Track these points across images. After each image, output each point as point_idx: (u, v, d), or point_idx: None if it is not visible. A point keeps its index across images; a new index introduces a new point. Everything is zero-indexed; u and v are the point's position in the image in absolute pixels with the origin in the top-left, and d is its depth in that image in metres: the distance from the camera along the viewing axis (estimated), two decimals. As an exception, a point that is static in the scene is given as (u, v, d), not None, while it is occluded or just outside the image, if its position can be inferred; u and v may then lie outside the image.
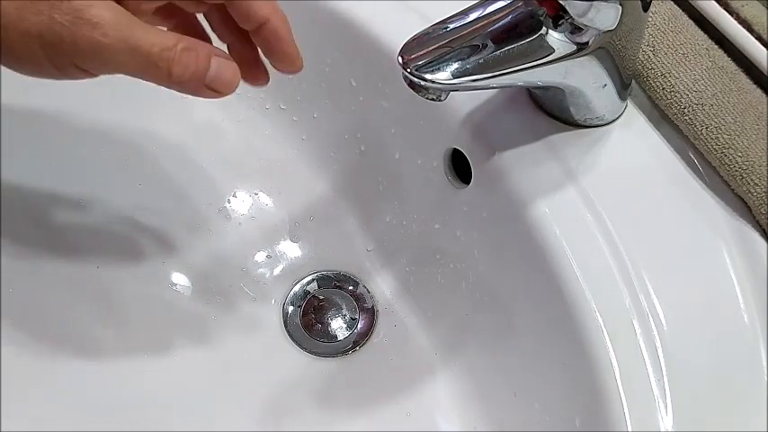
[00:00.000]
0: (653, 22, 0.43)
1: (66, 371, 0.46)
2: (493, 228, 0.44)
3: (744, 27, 0.42)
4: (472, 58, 0.37)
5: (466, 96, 0.45)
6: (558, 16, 0.37)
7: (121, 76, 0.35)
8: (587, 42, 0.38)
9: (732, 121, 0.40)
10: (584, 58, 0.38)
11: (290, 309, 0.51)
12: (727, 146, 0.40)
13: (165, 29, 0.38)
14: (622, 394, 0.35)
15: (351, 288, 0.52)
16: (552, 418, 0.40)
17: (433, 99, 0.37)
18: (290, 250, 0.53)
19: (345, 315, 0.51)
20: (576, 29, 0.37)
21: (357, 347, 0.50)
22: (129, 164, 0.53)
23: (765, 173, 0.39)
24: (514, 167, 0.42)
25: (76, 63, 0.32)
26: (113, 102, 0.52)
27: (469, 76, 0.37)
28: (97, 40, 0.31)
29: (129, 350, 0.48)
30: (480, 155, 0.44)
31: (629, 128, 0.43)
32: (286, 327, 0.50)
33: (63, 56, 0.31)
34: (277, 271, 0.52)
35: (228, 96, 0.38)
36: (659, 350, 0.36)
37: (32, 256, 0.49)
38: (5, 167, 0.50)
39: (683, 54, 0.42)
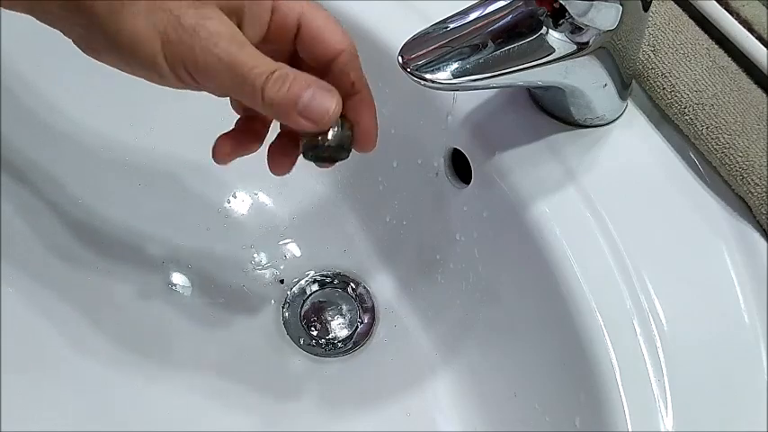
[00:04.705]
0: (653, 22, 0.43)
1: (66, 370, 0.46)
2: (493, 228, 0.44)
3: (744, 27, 0.42)
4: (472, 58, 0.37)
5: (466, 96, 0.45)
6: (559, 16, 0.37)
7: (121, 74, 0.35)
8: (587, 42, 0.38)
9: (732, 120, 0.40)
10: (585, 57, 0.38)
11: (290, 309, 0.51)
12: (727, 146, 0.40)
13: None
14: (622, 394, 0.35)
15: (351, 288, 0.52)
16: (552, 419, 0.40)
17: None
18: (290, 250, 0.53)
19: (345, 315, 0.51)
20: (576, 28, 0.37)
21: (357, 348, 0.50)
22: (128, 163, 0.53)
23: (766, 173, 0.39)
24: (514, 167, 0.42)
25: (187, 68, 0.34)
26: (112, 101, 0.52)
27: (469, 75, 0.37)
28: (209, 50, 0.33)
29: (128, 350, 0.48)
30: (480, 155, 0.44)
31: (629, 128, 0.43)
32: (286, 327, 0.50)
33: (178, 56, 0.33)
34: (277, 271, 0.52)
35: (229, 97, 0.38)
36: (659, 350, 0.36)
37: (32, 256, 0.49)
38: (5, 167, 0.50)
39: (684, 54, 0.42)
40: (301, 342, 0.50)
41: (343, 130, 0.37)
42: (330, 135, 0.36)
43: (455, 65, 0.37)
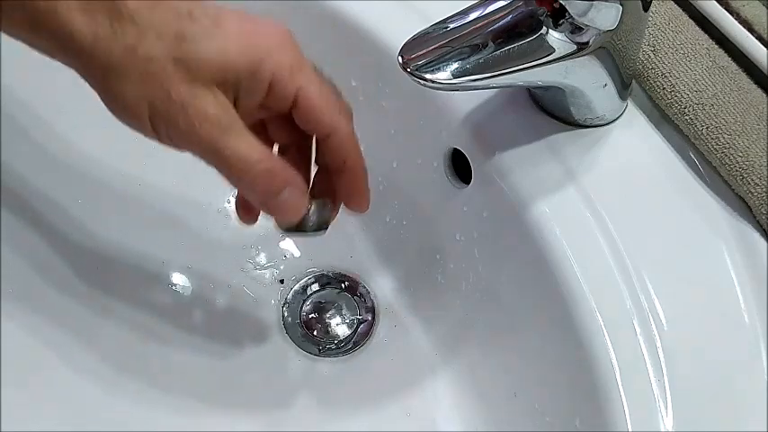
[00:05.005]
0: (653, 22, 0.43)
1: (65, 369, 0.46)
2: (493, 228, 0.44)
3: (744, 27, 0.42)
4: (472, 58, 0.37)
5: (466, 96, 0.45)
6: (559, 16, 0.37)
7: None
8: (587, 42, 0.38)
9: (732, 120, 0.40)
10: (585, 57, 0.38)
11: (290, 309, 0.51)
12: (727, 146, 0.40)
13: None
14: (622, 394, 0.35)
15: (351, 288, 0.52)
16: (552, 418, 0.40)
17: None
18: (290, 250, 0.53)
19: (345, 315, 0.51)
20: (576, 28, 0.37)
21: (357, 347, 0.50)
22: (128, 163, 0.52)
23: (766, 173, 0.39)
24: (514, 167, 0.42)
25: (170, 137, 0.35)
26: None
27: (469, 75, 0.37)
28: (193, 128, 0.34)
29: (128, 350, 0.48)
30: (480, 155, 0.44)
31: (629, 128, 0.43)
32: (286, 327, 0.50)
33: (162, 124, 0.34)
34: (277, 271, 0.52)
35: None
36: (659, 350, 0.36)
37: (32, 257, 0.49)
38: (6, 168, 0.50)
39: (684, 54, 0.42)
40: (301, 342, 0.50)
41: (322, 211, 0.38)
42: (310, 214, 0.38)
43: (455, 65, 0.37)
